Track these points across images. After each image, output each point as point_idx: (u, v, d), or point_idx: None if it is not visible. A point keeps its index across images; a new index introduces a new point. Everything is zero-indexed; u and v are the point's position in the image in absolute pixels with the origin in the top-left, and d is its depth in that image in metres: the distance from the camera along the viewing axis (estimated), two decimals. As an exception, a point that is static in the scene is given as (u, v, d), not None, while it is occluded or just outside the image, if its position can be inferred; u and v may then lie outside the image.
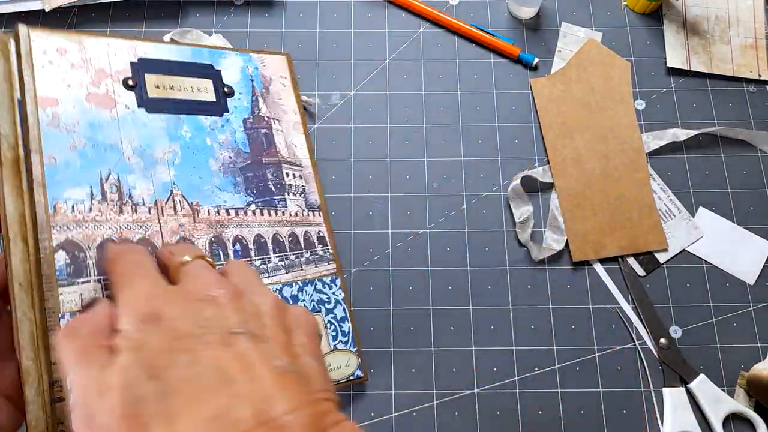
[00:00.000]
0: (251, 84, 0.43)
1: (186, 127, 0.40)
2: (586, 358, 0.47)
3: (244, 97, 0.43)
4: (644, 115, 0.54)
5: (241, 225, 0.39)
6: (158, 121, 0.39)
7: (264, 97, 0.44)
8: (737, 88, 0.55)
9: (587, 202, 0.50)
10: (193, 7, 0.57)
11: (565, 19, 0.57)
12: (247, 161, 0.41)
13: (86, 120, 0.35)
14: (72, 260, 0.31)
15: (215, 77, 0.42)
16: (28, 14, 0.56)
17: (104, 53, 0.38)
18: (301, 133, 0.44)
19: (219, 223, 0.39)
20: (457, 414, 0.45)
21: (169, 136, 0.39)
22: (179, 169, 0.38)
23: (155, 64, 0.40)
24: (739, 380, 0.46)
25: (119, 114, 0.37)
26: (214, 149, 0.40)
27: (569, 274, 0.49)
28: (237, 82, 0.43)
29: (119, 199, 0.35)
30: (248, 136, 0.42)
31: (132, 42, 0.39)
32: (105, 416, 0.21)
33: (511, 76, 0.55)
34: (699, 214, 0.51)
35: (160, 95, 0.39)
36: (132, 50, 0.39)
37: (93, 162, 0.35)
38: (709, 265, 0.49)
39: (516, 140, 0.53)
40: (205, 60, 0.42)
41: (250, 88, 0.43)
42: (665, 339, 0.47)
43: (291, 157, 0.43)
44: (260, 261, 0.39)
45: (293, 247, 0.42)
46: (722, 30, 0.56)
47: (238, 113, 0.42)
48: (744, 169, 0.52)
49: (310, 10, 0.57)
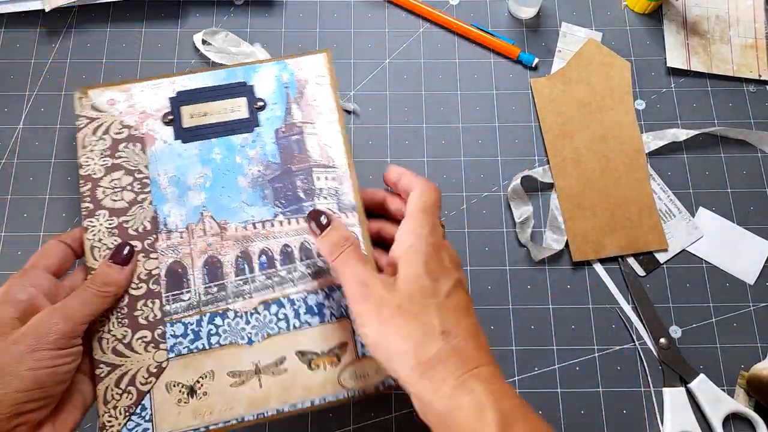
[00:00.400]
0: (285, 92, 0.43)
1: (217, 149, 0.41)
2: (586, 358, 0.47)
3: (278, 107, 0.43)
4: (644, 115, 0.54)
5: (268, 237, 0.40)
6: (192, 149, 0.41)
7: (298, 103, 0.43)
8: (737, 88, 0.55)
9: (587, 202, 0.50)
10: (193, 7, 0.57)
11: (565, 19, 0.57)
12: (276, 172, 0.41)
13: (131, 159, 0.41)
14: None
15: (248, 94, 0.43)
16: (28, 14, 0.56)
17: (147, 95, 0.42)
18: (338, 131, 0.42)
19: (245, 238, 0.39)
20: (457, 414, 0.45)
21: (202, 161, 0.41)
22: (210, 191, 0.40)
23: (191, 94, 0.42)
24: (739, 380, 0.46)
25: (157, 149, 0.41)
26: (243, 166, 0.41)
27: (569, 274, 0.49)
28: (270, 93, 0.43)
29: (155, 229, 0.39)
30: (279, 146, 0.42)
31: (171, 78, 0.43)
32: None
33: (511, 76, 0.55)
34: (699, 214, 0.51)
35: (195, 123, 0.42)
36: (171, 86, 0.42)
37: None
38: (709, 265, 0.49)
39: (516, 140, 0.53)
40: (239, 78, 0.43)
41: (284, 97, 0.43)
42: (665, 339, 0.47)
43: (323, 159, 0.42)
44: (285, 271, 0.39)
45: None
46: (722, 30, 0.56)
47: (270, 125, 0.42)
48: (744, 169, 0.52)
49: (310, 10, 0.57)
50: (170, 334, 0.37)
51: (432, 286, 0.32)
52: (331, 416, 0.45)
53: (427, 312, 0.31)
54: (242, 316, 0.38)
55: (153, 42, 0.55)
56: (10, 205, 0.50)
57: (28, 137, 0.52)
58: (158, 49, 0.55)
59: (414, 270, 0.32)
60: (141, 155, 0.41)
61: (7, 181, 0.51)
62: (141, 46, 0.55)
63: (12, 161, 0.51)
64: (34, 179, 0.51)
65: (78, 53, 0.55)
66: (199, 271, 0.39)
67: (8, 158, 0.52)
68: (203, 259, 0.39)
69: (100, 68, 0.54)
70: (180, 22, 0.56)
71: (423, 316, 0.31)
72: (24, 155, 0.52)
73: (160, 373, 0.37)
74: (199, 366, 0.37)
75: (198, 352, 0.37)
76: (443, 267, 0.33)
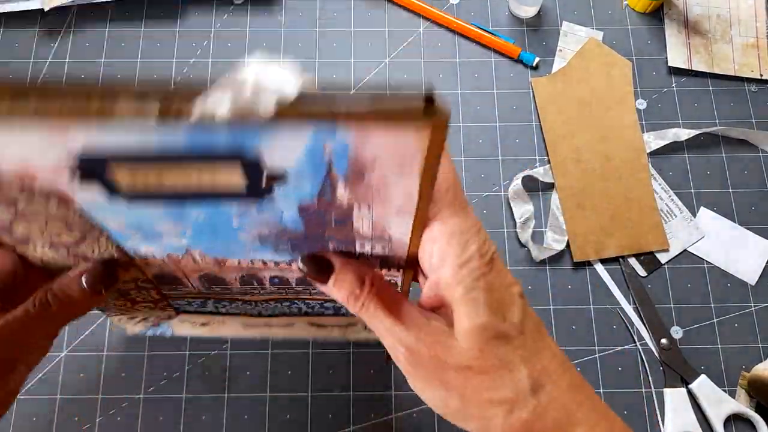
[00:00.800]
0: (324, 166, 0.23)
1: (197, 211, 0.26)
2: (587, 358, 0.47)
3: (306, 182, 0.24)
4: (645, 115, 0.53)
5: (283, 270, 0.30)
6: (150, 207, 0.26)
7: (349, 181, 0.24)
8: (739, 88, 0.54)
9: (588, 202, 0.50)
10: (193, 7, 0.56)
11: (566, 19, 0.57)
12: (299, 238, 0.27)
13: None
14: None
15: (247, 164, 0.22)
16: (27, 13, 0.55)
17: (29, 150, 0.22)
18: (408, 220, 0.25)
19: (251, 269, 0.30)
20: (458, 415, 0.45)
21: (173, 217, 0.26)
22: (193, 239, 0.28)
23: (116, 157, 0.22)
24: (741, 381, 0.46)
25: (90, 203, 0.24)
26: (243, 229, 0.27)
27: (570, 274, 0.49)
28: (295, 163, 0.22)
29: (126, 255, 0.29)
30: (303, 219, 0.26)
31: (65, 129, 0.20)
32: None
33: (511, 76, 0.55)
34: (700, 214, 0.50)
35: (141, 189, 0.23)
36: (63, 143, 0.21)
37: None
38: (710, 265, 0.49)
39: (516, 140, 0.53)
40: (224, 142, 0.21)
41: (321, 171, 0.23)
42: (666, 339, 0.47)
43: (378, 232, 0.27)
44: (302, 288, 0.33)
45: None
46: (723, 29, 0.56)
47: (289, 199, 0.25)
48: (745, 169, 0.52)
49: (310, 9, 0.57)
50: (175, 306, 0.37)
51: (504, 328, 0.24)
52: (331, 417, 0.45)
53: (507, 364, 0.24)
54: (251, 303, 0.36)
55: (152, 42, 0.55)
56: (9, 205, 0.50)
57: (27, 137, 0.52)
58: (157, 49, 0.55)
59: (477, 321, 0.24)
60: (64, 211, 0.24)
61: (6, 181, 0.51)
62: (140, 45, 0.55)
63: (11, 161, 0.51)
64: (33, 179, 0.51)
65: (77, 53, 0.55)
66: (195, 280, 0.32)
67: (7, 158, 0.51)
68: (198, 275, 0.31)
69: (99, 68, 0.54)
70: (179, 22, 0.56)
71: (503, 370, 0.24)
72: (23, 155, 0.52)
73: (171, 318, 0.39)
74: (210, 318, 0.39)
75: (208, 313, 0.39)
76: (505, 290, 0.25)
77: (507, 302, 0.25)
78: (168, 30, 0.55)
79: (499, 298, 0.25)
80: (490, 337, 0.24)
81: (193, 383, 0.45)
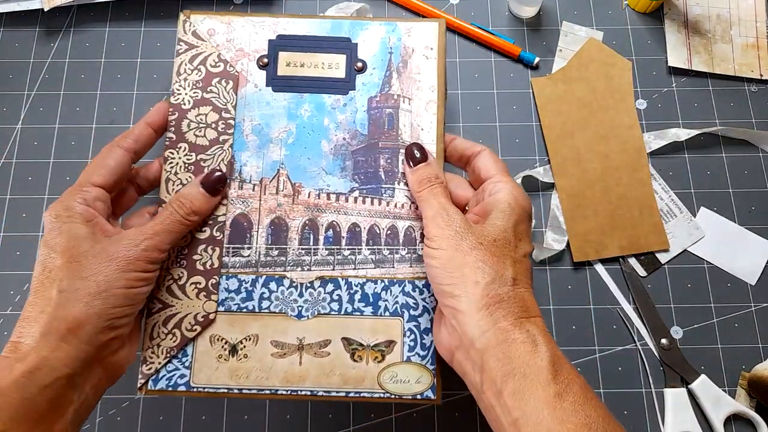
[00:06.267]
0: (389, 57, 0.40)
1: (307, 106, 0.39)
2: (587, 358, 0.47)
3: (377, 73, 0.40)
4: (645, 115, 0.53)
5: (339, 211, 0.38)
6: (281, 100, 0.39)
7: (399, 72, 0.39)
8: (739, 88, 0.54)
9: (588, 202, 0.50)
10: (193, 6, 0.56)
11: (566, 19, 0.57)
12: (362, 144, 0.39)
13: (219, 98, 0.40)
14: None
15: (350, 52, 0.40)
16: (27, 13, 0.55)
17: (247, 31, 0.40)
18: (434, 113, 0.39)
19: (317, 206, 0.38)
20: (458, 414, 0.45)
21: (288, 115, 0.39)
22: (291, 149, 0.39)
23: (291, 40, 0.40)
24: (741, 381, 0.46)
25: (247, 92, 0.39)
26: (330, 130, 0.39)
27: (570, 274, 0.49)
28: (373, 56, 0.40)
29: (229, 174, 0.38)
30: (369, 117, 0.39)
31: (275, 19, 0.40)
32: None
33: (511, 76, 0.55)
34: (700, 214, 0.50)
35: (289, 73, 0.40)
36: (272, 27, 0.40)
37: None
38: (710, 265, 0.49)
39: (516, 140, 0.53)
40: (345, 33, 0.40)
41: (386, 63, 0.40)
42: (666, 339, 0.47)
43: (414, 141, 0.39)
44: (349, 251, 0.38)
45: (390, 241, 0.38)
46: (723, 29, 0.56)
47: (365, 91, 0.40)
48: (745, 169, 0.52)
49: (310, 9, 0.57)
50: (224, 287, 0.37)
51: (514, 243, 0.34)
52: (331, 417, 0.45)
53: (504, 260, 0.33)
54: (297, 287, 0.37)
55: (152, 42, 0.55)
56: (9, 205, 0.50)
57: (26, 137, 0.52)
58: (157, 49, 0.55)
59: (504, 224, 0.34)
60: (231, 94, 0.39)
61: (6, 181, 0.51)
62: (140, 45, 0.55)
63: (11, 161, 0.51)
64: (33, 179, 0.51)
65: (77, 53, 0.55)
66: (264, 229, 0.38)
67: (7, 158, 0.51)
68: (270, 218, 0.38)
69: (99, 68, 0.54)
70: (179, 22, 0.56)
71: (500, 260, 0.33)
72: (23, 155, 0.51)
73: (207, 324, 0.37)
74: (245, 327, 0.37)
75: (247, 313, 0.37)
76: (527, 234, 0.35)
77: (523, 239, 0.35)
78: (168, 30, 0.55)
79: (521, 232, 0.35)
80: (504, 239, 0.33)
81: (193, 383, 0.45)
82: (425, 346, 0.37)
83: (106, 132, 0.52)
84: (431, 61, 0.39)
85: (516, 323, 0.31)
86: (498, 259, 0.33)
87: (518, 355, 0.30)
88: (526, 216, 0.36)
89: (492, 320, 0.31)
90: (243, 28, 0.40)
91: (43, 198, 0.50)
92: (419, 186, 0.36)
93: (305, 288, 0.37)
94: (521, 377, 0.30)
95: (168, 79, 0.54)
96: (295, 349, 0.37)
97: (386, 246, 0.38)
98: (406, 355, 0.36)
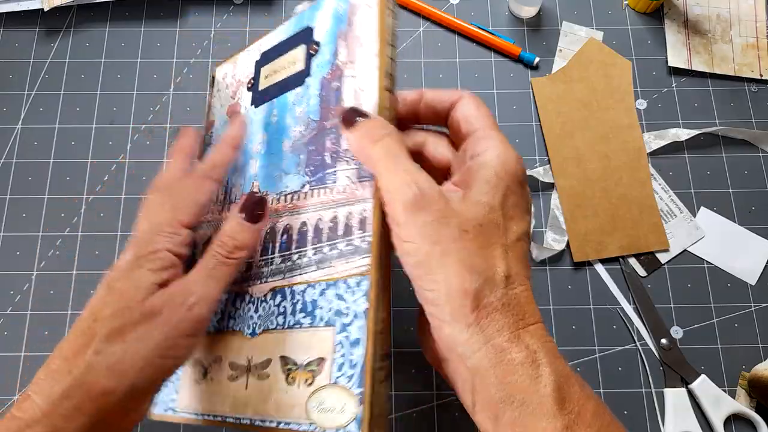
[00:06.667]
0: (337, 27, 0.34)
1: (275, 111, 0.37)
2: (587, 358, 0.47)
3: (327, 49, 0.34)
4: (645, 115, 0.53)
5: (293, 212, 0.34)
6: (259, 113, 0.38)
7: (346, 37, 0.33)
8: (739, 88, 0.54)
9: (588, 202, 0.50)
10: (193, 6, 0.56)
11: (566, 19, 0.57)
12: (313, 132, 0.34)
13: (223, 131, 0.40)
14: None
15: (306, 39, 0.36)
16: (27, 13, 0.55)
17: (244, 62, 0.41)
18: (375, 67, 0.31)
19: (276, 211, 0.35)
20: (457, 415, 0.45)
21: (263, 126, 0.38)
22: (263, 159, 0.37)
23: (269, 53, 0.39)
24: (741, 381, 0.46)
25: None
26: (290, 128, 0.35)
27: (570, 274, 0.49)
28: (326, 32, 0.35)
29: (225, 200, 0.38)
30: (321, 99, 0.34)
31: (260, 41, 0.40)
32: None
33: (511, 76, 0.55)
34: (700, 214, 0.50)
35: (266, 84, 0.38)
36: (258, 49, 0.40)
37: None
38: (710, 265, 0.49)
39: (517, 140, 0.53)
40: (306, 23, 0.36)
41: (335, 33, 0.34)
42: (666, 339, 0.47)
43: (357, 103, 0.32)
44: (297, 255, 0.33)
45: (331, 235, 0.31)
46: (723, 29, 0.56)
47: (318, 72, 0.34)
48: (745, 169, 0.52)
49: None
50: None
51: (504, 224, 0.28)
52: (331, 417, 0.45)
53: (493, 251, 0.27)
54: (254, 302, 0.34)
55: (152, 42, 0.55)
56: (9, 205, 0.50)
57: (26, 137, 0.52)
58: (157, 49, 0.55)
59: (490, 198, 0.28)
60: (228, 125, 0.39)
61: (6, 180, 0.51)
62: (140, 45, 0.55)
63: (11, 161, 0.51)
64: (33, 179, 0.51)
65: (77, 53, 0.55)
66: None
67: (7, 158, 0.51)
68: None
69: (99, 68, 0.54)
70: (179, 22, 0.56)
71: (489, 253, 0.27)
72: (23, 155, 0.51)
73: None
74: (213, 348, 0.35)
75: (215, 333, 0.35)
76: (521, 208, 0.29)
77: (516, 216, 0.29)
78: (168, 30, 0.55)
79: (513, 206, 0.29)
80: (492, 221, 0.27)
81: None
82: (353, 363, 0.28)
83: (106, 132, 0.52)
84: (372, 9, 0.32)
85: (512, 338, 0.26)
86: (486, 252, 0.27)
87: (516, 381, 0.25)
88: (518, 183, 0.29)
89: (483, 337, 0.26)
90: (242, 60, 0.41)
91: (43, 198, 0.50)
92: (361, 145, 0.29)
93: (260, 302, 0.33)
94: (520, 405, 0.25)
95: (168, 79, 0.54)
96: (244, 371, 0.32)
97: (328, 242, 0.31)
98: (334, 376, 0.28)
